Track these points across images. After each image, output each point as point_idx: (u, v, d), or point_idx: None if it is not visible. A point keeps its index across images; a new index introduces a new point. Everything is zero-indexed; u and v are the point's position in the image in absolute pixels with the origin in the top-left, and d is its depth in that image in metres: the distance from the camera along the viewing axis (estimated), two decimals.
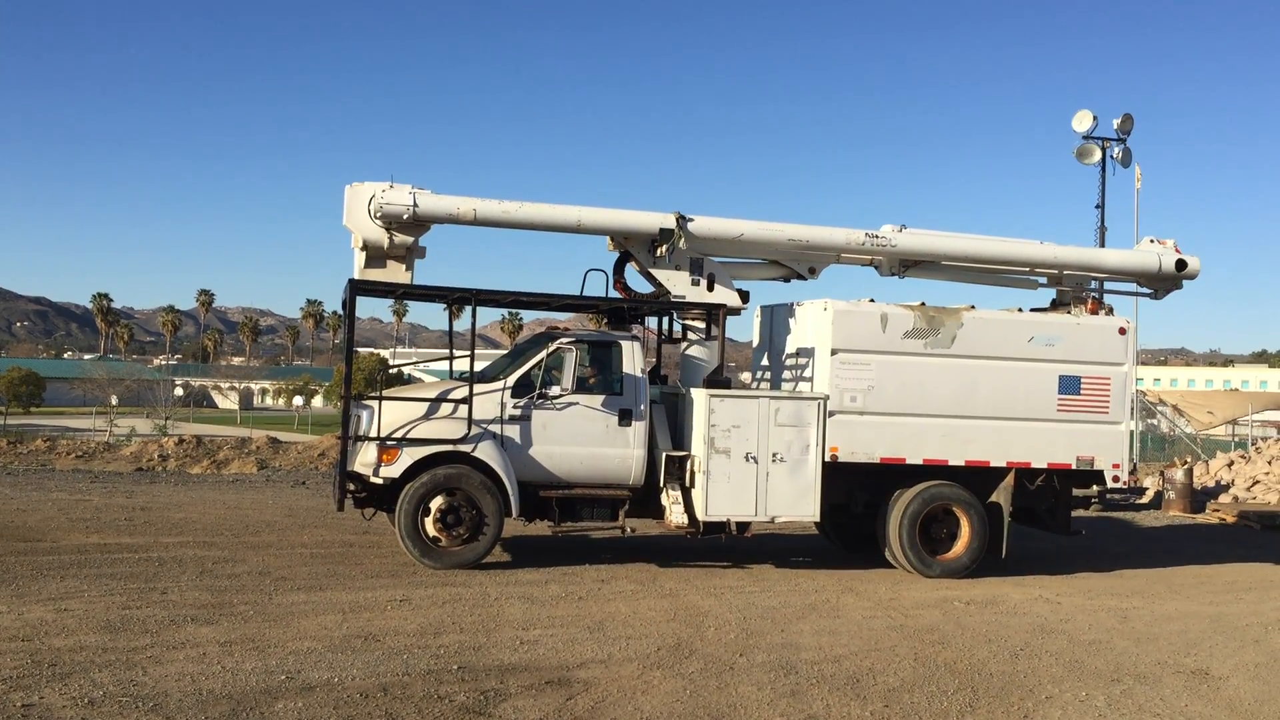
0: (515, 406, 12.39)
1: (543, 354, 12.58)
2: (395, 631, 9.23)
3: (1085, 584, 13.43)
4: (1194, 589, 13.43)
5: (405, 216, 12.56)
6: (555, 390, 12.46)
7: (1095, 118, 30.83)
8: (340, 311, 13.91)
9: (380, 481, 12.11)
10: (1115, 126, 31.06)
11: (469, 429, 12.12)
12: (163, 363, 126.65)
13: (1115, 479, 13.67)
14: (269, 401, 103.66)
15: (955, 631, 10.37)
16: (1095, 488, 13.82)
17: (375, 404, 12.27)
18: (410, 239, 12.84)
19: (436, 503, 12.03)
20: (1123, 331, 13.72)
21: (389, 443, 12.03)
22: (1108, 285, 15.35)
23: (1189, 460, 28.56)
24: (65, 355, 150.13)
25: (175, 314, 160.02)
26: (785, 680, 8.39)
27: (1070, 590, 12.89)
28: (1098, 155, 30.92)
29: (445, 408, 12.32)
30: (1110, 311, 14.44)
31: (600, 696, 7.76)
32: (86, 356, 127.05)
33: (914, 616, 10.96)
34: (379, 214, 12.55)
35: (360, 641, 8.83)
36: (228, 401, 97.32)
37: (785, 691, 8.11)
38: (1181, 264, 15.00)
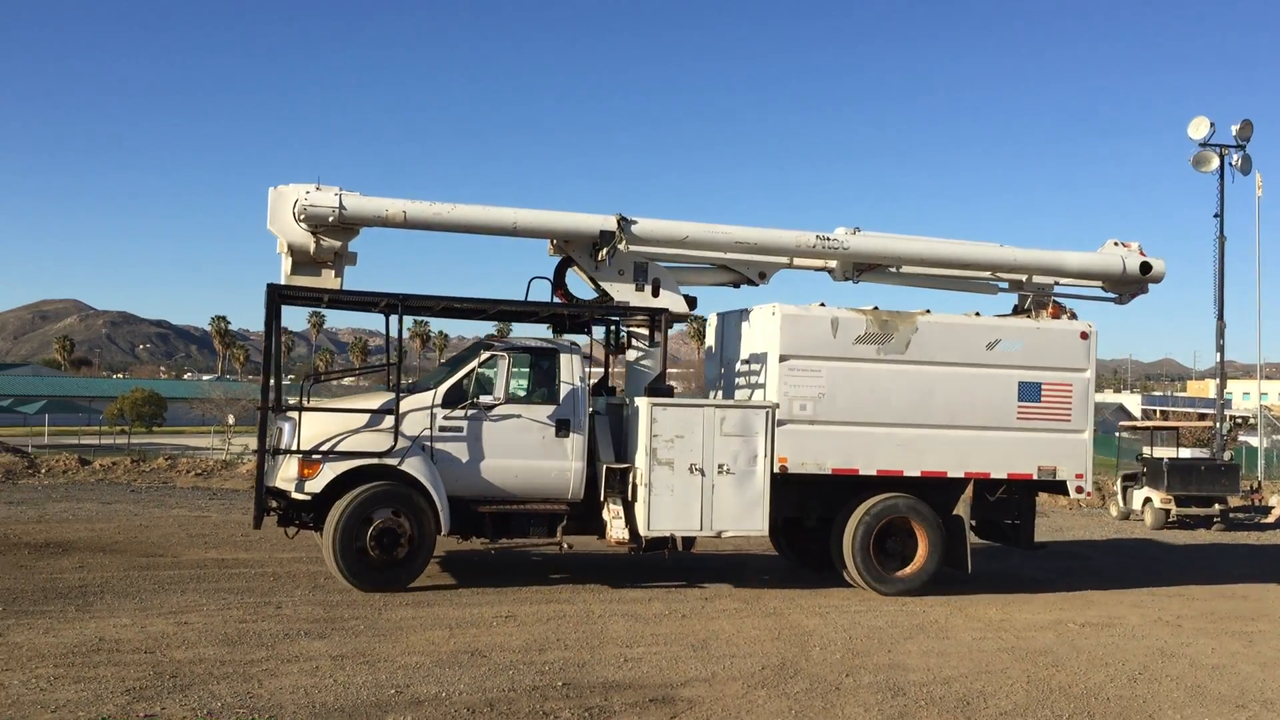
0: (446, 418, 11.83)
1: (475, 363, 12.12)
2: (501, 647, 9.33)
3: (1207, 606, 12.95)
4: None
5: (331, 219, 12.08)
6: (488, 400, 11.93)
7: (1212, 124, 29.97)
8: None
9: (302, 497, 11.51)
10: (1234, 133, 30.14)
11: (395, 441, 11.55)
12: None
13: (1079, 489, 13.11)
14: None
15: (1070, 654, 10.09)
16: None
17: (297, 415, 11.70)
18: (338, 243, 12.31)
19: (367, 520, 11.41)
20: (1084, 336, 13.17)
21: (310, 457, 11.43)
22: (1072, 290, 14.65)
23: None
24: (185, 376, 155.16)
25: (289, 335, 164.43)
26: (893, 702, 8.26)
27: (1191, 613, 12.45)
28: (1215, 163, 30.04)
29: (372, 419, 11.73)
30: (1073, 316, 13.86)
31: (704, 715, 7.73)
32: (205, 377, 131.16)
33: (1026, 638, 10.70)
34: (303, 216, 12.05)
35: (467, 657, 8.94)
36: None
37: (893, 713, 7.98)
38: (1146, 266, 14.40)
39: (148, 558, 13.00)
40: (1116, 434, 40.23)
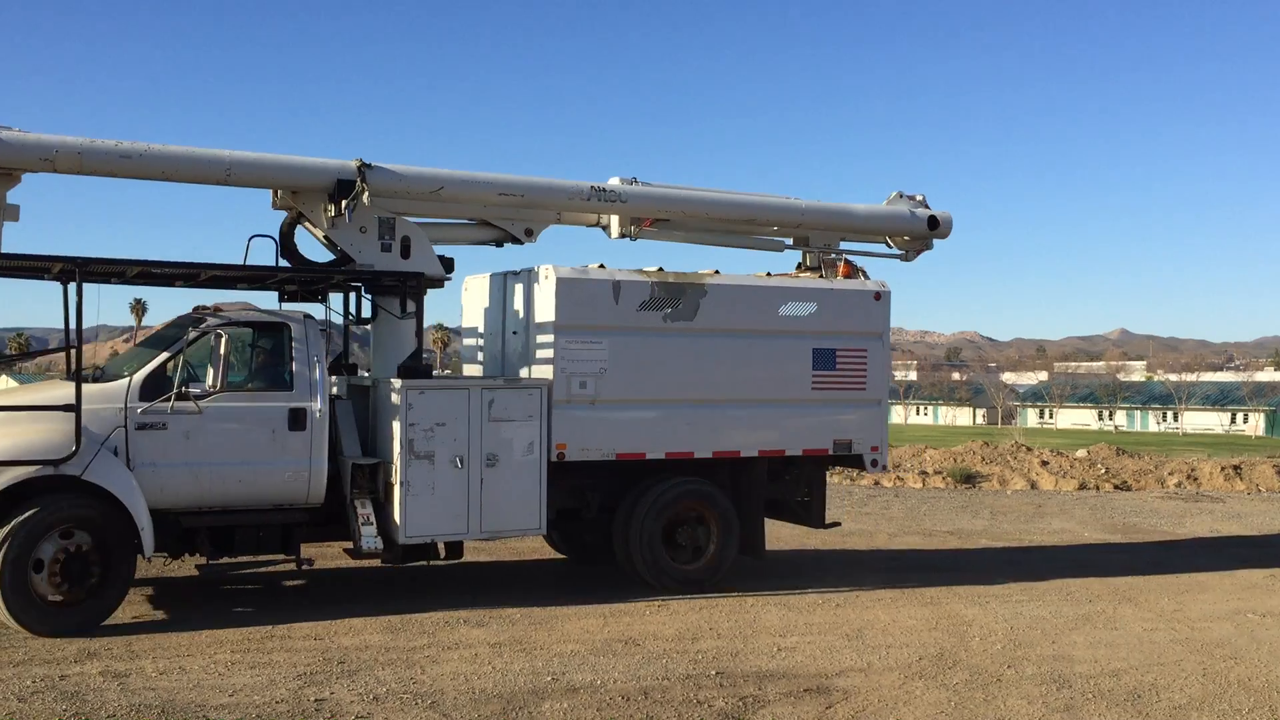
0: (146, 412, 9.50)
1: (182, 342, 9.86)
2: (654, 636, 9.38)
3: None
4: None
5: None
6: (200, 389, 9.74)
7: None
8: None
9: None
10: None
11: (77, 444, 9.06)
12: None
13: (874, 463, 12.18)
14: None
15: (1250, 646, 9.59)
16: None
17: None
18: None
19: (46, 545, 8.96)
20: (878, 297, 12.17)
21: None
22: (857, 246, 13.43)
23: None
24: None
25: None
26: (1058, 694, 7.99)
27: None
28: None
29: (44, 417, 9.29)
30: (865, 276, 12.75)
31: (860, 706, 7.62)
32: None
33: (1201, 629, 10.21)
34: None
35: (621, 645, 9.03)
36: None
37: (1058, 706, 7.72)
38: (933, 221, 13.33)
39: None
40: None
